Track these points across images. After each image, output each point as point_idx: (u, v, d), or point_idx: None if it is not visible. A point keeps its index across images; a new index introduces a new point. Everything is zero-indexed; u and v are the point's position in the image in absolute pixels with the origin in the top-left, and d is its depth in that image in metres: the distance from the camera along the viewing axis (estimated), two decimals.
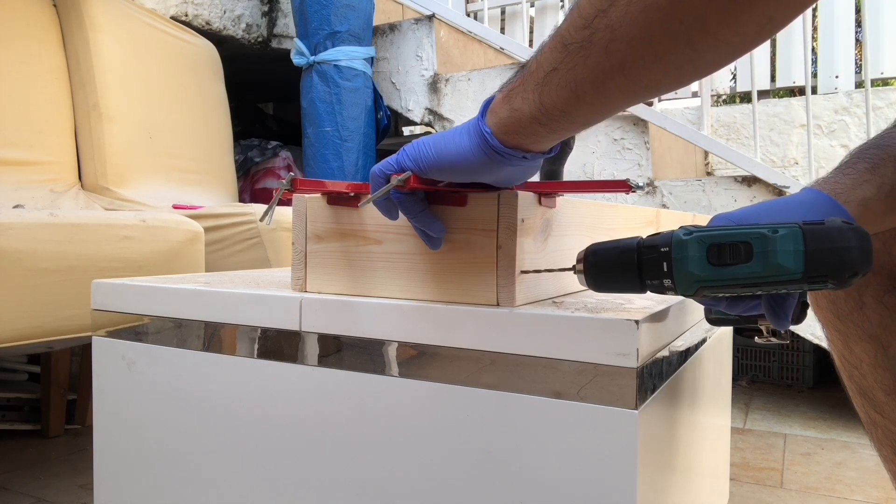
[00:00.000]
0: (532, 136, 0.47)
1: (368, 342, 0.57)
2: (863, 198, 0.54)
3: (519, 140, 0.47)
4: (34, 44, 1.59)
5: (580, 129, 0.47)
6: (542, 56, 0.44)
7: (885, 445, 0.70)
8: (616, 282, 0.48)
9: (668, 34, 0.37)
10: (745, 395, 1.94)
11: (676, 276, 0.45)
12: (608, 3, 0.38)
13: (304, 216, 0.64)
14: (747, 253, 0.43)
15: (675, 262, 0.45)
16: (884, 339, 0.65)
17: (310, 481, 0.60)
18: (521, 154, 0.48)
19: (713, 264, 0.44)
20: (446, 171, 0.50)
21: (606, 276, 0.49)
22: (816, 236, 0.42)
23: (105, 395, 0.72)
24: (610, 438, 0.48)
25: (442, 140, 0.50)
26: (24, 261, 0.93)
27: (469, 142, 0.48)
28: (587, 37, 0.40)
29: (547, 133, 0.46)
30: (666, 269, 0.45)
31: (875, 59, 2.12)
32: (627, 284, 0.48)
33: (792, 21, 0.38)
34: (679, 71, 0.40)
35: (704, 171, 2.35)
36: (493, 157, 0.48)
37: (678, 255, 0.44)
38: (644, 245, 0.47)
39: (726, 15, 0.36)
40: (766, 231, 0.43)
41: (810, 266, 0.42)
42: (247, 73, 2.56)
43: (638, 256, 0.47)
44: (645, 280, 0.47)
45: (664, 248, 0.45)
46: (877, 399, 0.68)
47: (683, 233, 0.45)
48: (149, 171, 1.72)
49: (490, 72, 2.07)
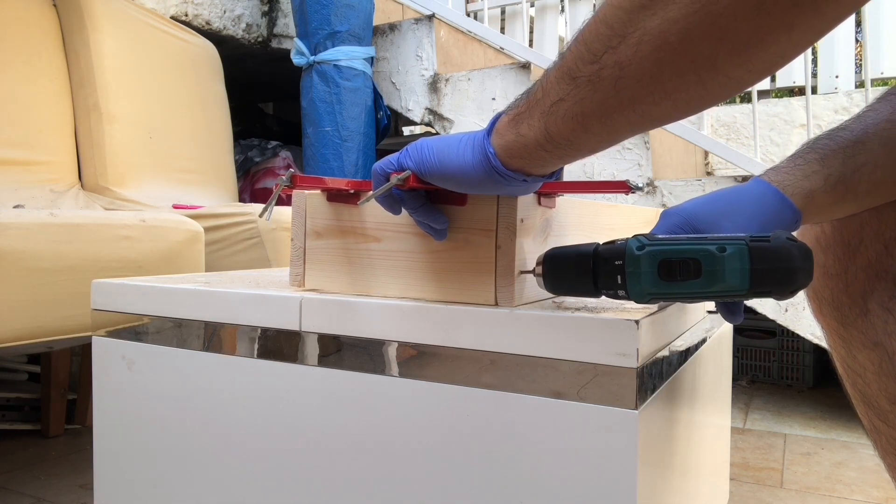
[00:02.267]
0: (536, 161, 0.47)
1: (368, 342, 0.57)
2: (809, 189, 0.55)
3: (522, 164, 0.47)
4: (34, 44, 1.59)
5: (586, 156, 0.47)
6: (547, 84, 0.44)
7: (889, 454, 0.69)
8: (572, 287, 0.51)
9: (678, 73, 0.37)
10: (745, 395, 1.94)
11: (630, 288, 0.47)
12: (618, 40, 0.38)
13: (304, 212, 0.64)
14: (696, 270, 0.45)
15: (629, 276, 0.47)
16: (889, 347, 0.64)
17: (310, 481, 0.60)
18: (522, 177, 0.48)
19: (664, 279, 0.46)
20: (447, 181, 0.51)
21: (563, 280, 0.51)
22: (762, 255, 0.45)
23: (105, 395, 0.72)
24: (610, 438, 0.48)
25: (446, 148, 0.50)
26: (24, 261, 0.93)
27: (472, 157, 0.48)
28: (595, 71, 0.40)
29: (552, 159, 0.46)
30: (620, 280, 0.47)
31: (875, 59, 2.12)
32: (582, 290, 0.50)
33: (798, 56, 0.38)
34: (687, 105, 0.40)
35: (704, 171, 2.35)
36: (493, 177, 0.48)
37: (631, 270, 0.47)
38: (599, 256, 0.49)
39: (737, 54, 0.36)
40: (714, 249, 0.45)
41: (755, 283, 0.45)
42: (247, 73, 2.56)
43: (594, 265, 0.49)
44: (600, 288, 0.49)
45: (618, 261, 0.47)
46: (881, 407, 0.67)
47: (636, 246, 0.47)
48: (149, 171, 1.72)
49: (490, 72, 2.06)
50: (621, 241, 0.48)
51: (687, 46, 0.36)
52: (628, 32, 0.37)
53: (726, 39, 0.35)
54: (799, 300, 1.63)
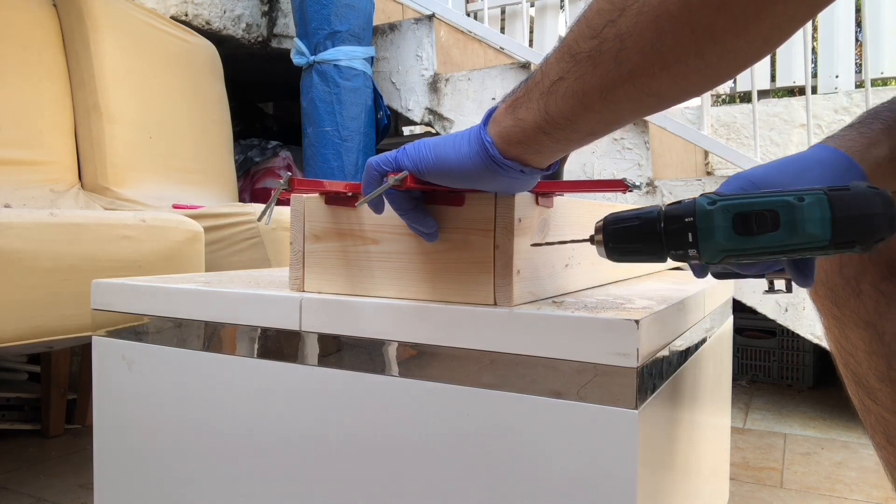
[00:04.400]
0: (534, 147, 0.47)
1: (368, 342, 0.57)
2: (876, 158, 0.54)
3: (520, 151, 0.47)
4: (34, 44, 1.59)
5: (584, 141, 0.46)
6: (546, 67, 0.44)
7: (877, 432, 0.71)
8: (637, 252, 0.48)
9: (678, 43, 0.38)
10: (745, 395, 1.94)
11: (702, 246, 0.44)
12: (618, 13, 0.38)
13: (302, 216, 0.64)
14: (774, 222, 0.43)
15: (701, 233, 0.44)
16: (879, 327, 0.66)
17: (310, 481, 0.60)
18: (519, 167, 0.48)
19: (739, 234, 0.43)
20: (444, 177, 0.50)
21: (627, 246, 0.48)
22: (843, 203, 0.42)
23: (105, 395, 0.72)
24: (610, 438, 0.48)
25: (442, 144, 0.50)
26: (24, 261, 0.93)
27: (469, 150, 0.48)
28: (596, 46, 0.40)
29: (550, 143, 0.46)
30: (691, 239, 0.44)
31: (875, 59, 2.12)
32: (648, 252, 0.47)
33: (796, 32, 0.38)
34: (686, 80, 0.40)
35: (704, 171, 2.35)
36: (491, 168, 0.48)
37: (703, 226, 0.44)
38: (667, 215, 0.46)
39: (735, 24, 0.36)
40: (792, 199, 0.42)
41: (837, 233, 0.42)
42: (247, 73, 2.56)
43: (660, 226, 0.46)
44: (668, 250, 0.46)
45: (688, 218, 0.44)
46: (870, 385, 0.69)
47: (707, 202, 0.44)
48: (149, 171, 1.72)
49: (490, 71, 2.06)
50: (687, 199, 0.45)
51: (687, 15, 0.36)
52: (628, 5, 0.38)
53: (724, 9, 0.36)
54: (799, 300, 1.63)
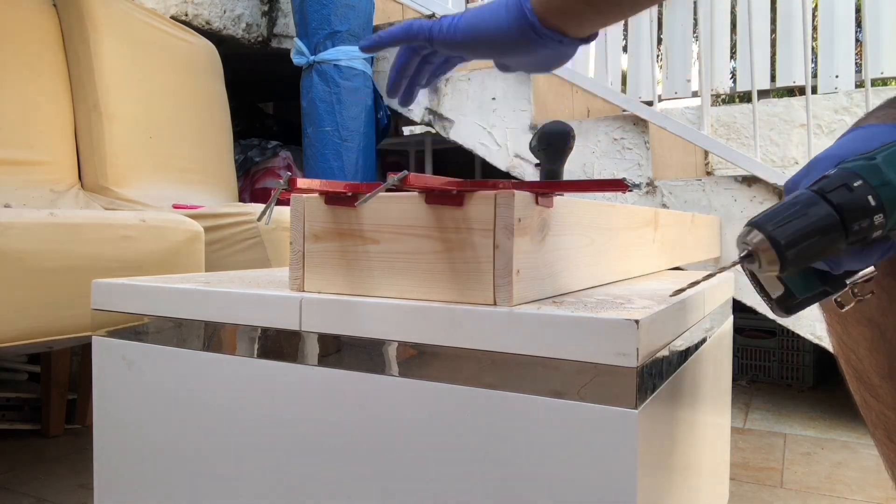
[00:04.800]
0: (575, 17, 0.44)
1: (368, 342, 0.57)
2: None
3: (560, 20, 0.44)
4: (34, 44, 1.59)
5: (626, 14, 0.43)
6: None
7: (878, 428, 0.71)
8: (819, 249, 0.42)
9: None
10: (745, 395, 1.94)
11: (886, 202, 0.39)
12: None
13: (302, 216, 0.64)
14: None
15: (882, 189, 0.40)
16: (881, 323, 0.66)
17: (310, 481, 0.60)
18: (558, 37, 0.45)
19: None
20: (478, 46, 0.48)
21: (809, 247, 0.41)
22: None
23: (105, 395, 0.72)
24: (610, 438, 0.48)
25: (479, 12, 0.48)
26: (24, 261, 0.93)
27: (507, 15, 0.46)
28: None
29: (591, 14, 0.43)
30: (873, 202, 0.40)
31: (875, 59, 2.12)
32: (827, 245, 0.41)
33: None
34: None
35: (704, 171, 2.35)
36: (529, 36, 0.45)
37: (879, 182, 0.40)
38: (827, 190, 0.41)
39: None
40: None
41: None
42: (247, 73, 2.56)
43: (833, 204, 0.40)
44: (851, 226, 0.40)
45: (856, 182, 0.40)
46: (872, 382, 0.69)
47: (864, 161, 0.40)
48: (149, 171, 1.72)
49: (490, 72, 2.06)
50: (830, 173, 0.40)
51: None
52: None
53: None
54: None
